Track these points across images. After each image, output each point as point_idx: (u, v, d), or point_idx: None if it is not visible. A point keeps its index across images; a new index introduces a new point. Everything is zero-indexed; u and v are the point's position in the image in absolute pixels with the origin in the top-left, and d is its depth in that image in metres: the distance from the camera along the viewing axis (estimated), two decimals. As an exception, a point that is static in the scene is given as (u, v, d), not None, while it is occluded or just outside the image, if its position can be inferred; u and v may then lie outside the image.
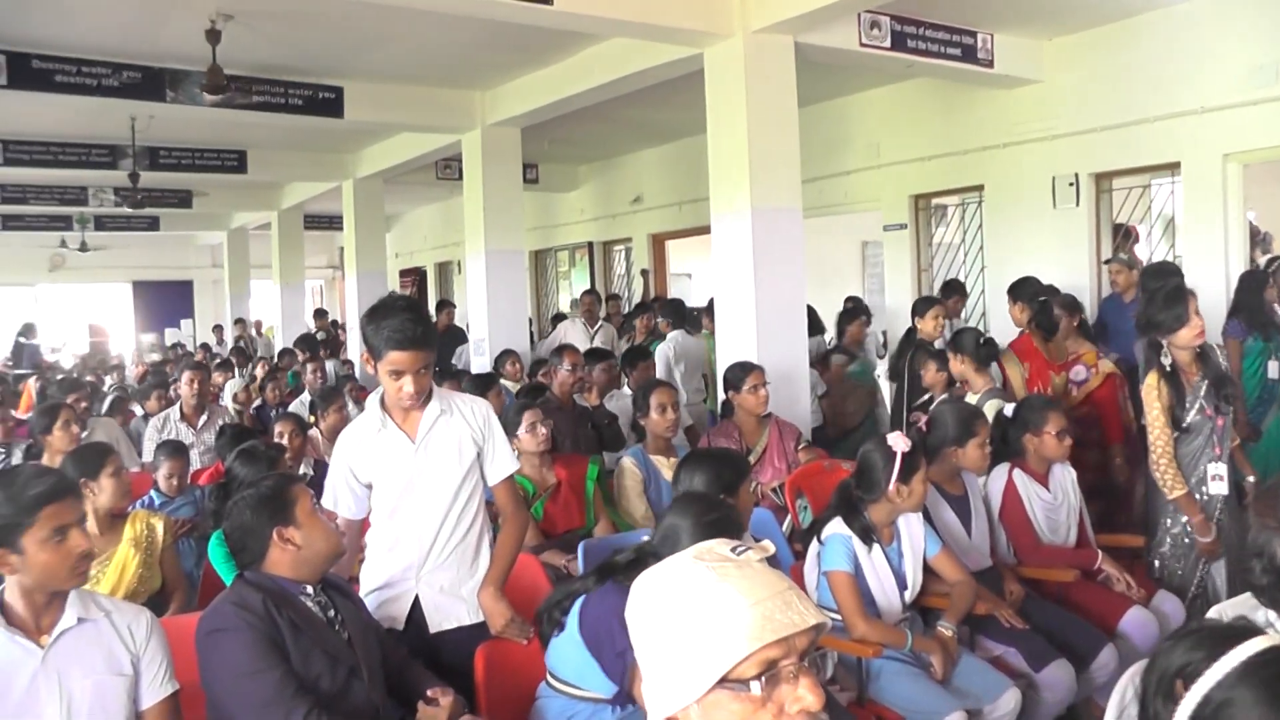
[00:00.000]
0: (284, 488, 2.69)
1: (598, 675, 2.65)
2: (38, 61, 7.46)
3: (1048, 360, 5.69)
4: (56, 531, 2.30)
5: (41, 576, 2.32)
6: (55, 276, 20.40)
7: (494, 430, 3.15)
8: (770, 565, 1.34)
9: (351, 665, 2.58)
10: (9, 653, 2.29)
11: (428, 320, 2.96)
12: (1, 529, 2.28)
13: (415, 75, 8.73)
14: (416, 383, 2.92)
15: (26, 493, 2.29)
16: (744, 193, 6.25)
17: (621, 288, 13.89)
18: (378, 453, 3.06)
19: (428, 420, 3.04)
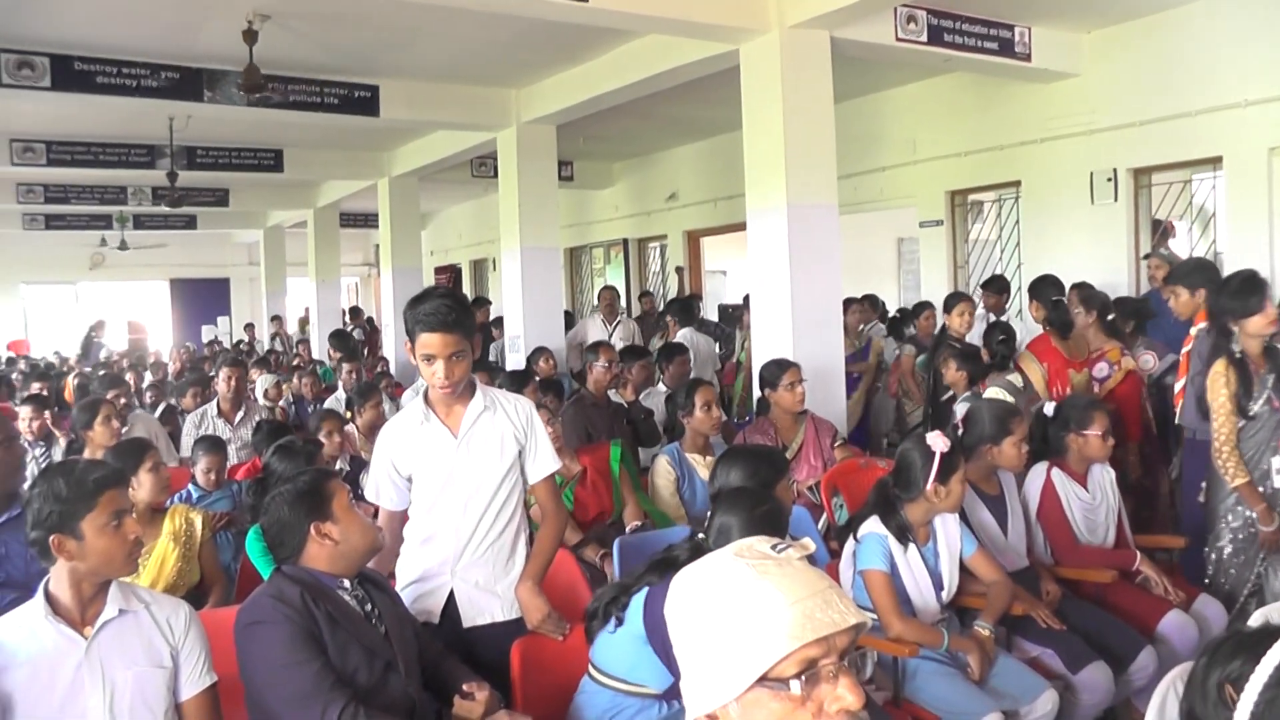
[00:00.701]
0: (321, 483, 2.71)
1: (651, 670, 2.64)
2: (80, 63, 7.59)
3: (1067, 358, 5.62)
4: (115, 516, 2.35)
5: (98, 562, 2.36)
6: (95, 275, 20.68)
7: (536, 429, 3.15)
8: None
9: (388, 659, 2.59)
10: (55, 643, 2.33)
11: (464, 307, 2.94)
12: (62, 514, 2.33)
13: (450, 73, 8.77)
14: (448, 368, 2.90)
15: (88, 478, 2.35)
16: (780, 189, 6.23)
17: (656, 285, 13.89)
18: (419, 446, 3.06)
19: (470, 415, 3.04)
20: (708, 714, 1.29)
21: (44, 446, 5.78)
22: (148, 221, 16.92)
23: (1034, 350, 5.76)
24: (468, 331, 2.93)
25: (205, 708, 2.49)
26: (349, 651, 2.52)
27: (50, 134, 10.93)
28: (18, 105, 9.13)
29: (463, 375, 2.96)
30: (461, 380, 2.97)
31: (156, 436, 5.97)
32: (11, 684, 2.28)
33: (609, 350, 6.13)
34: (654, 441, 5.42)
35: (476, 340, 3.06)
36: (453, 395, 3.01)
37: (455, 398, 3.03)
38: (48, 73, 7.49)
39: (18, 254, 19.36)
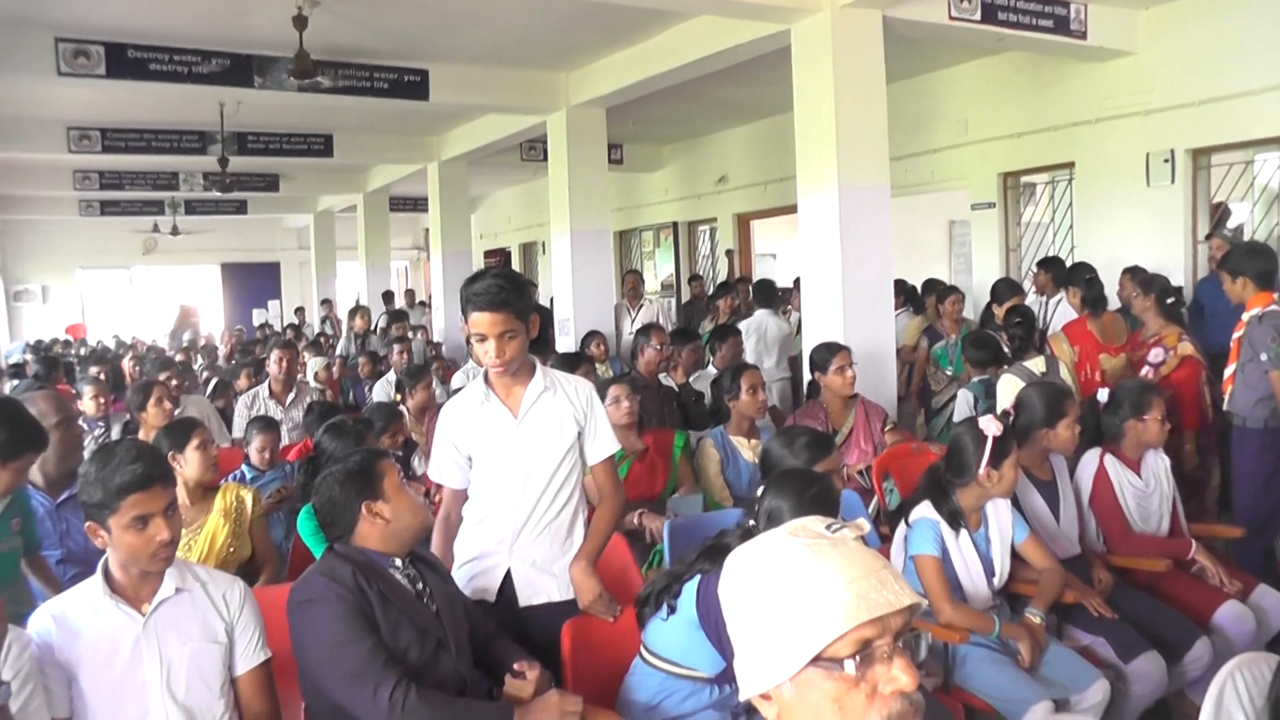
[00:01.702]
0: (372, 462, 2.72)
1: (703, 654, 2.64)
2: (133, 51, 7.71)
3: (1100, 342, 5.51)
4: (138, 520, 2.37)
5: (125, 558, 2.41)
6: (149, 259, 21.03)
7: (596, 411, 3.15)
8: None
9: (439, 637, 2.61)
10: (114, 619, 2.39)
11: (517, 287, 2.91)
12: (92, 508, 2.39)
13: (500, 57, 8.78)
14: (499, 347, 2.90)
15: (113, 480, 2.36)
16: (831, 171, 6.18)
17: (706, 268, 13.84)
18: (479, 426, 3.08)
19: (530, 396, 3.05)
20: (761, 693, 1.29)
21: (103, 426, 5.89)
22: (199, 207, 17.18)
23: (1067, 332, 5.67)
24: (519, 311, 2.91)
25: (260, 683, 2.53)
26: (401, 630, 2.54)
27: (105, 121, 11.11)
28: (74, 93, 9.33)
29: (514, 354, 2.95)
30: (514, 359, 2.96)
31: (209, 418, 6.06)
32: (75, 658, 2.34)
33: (660, 333, 6.12)
34: (703, 426, 5.41)
35: (534, 320, 3.01)
36: (505, 374, 3.01)
37: (515, 378, 3.03)
38: (103, 61, 7.62)
39: (74, 240, 19.75)
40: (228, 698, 2.48)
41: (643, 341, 6.08)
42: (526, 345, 3.00)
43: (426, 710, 2.41)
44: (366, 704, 2.41)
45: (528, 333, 2.96)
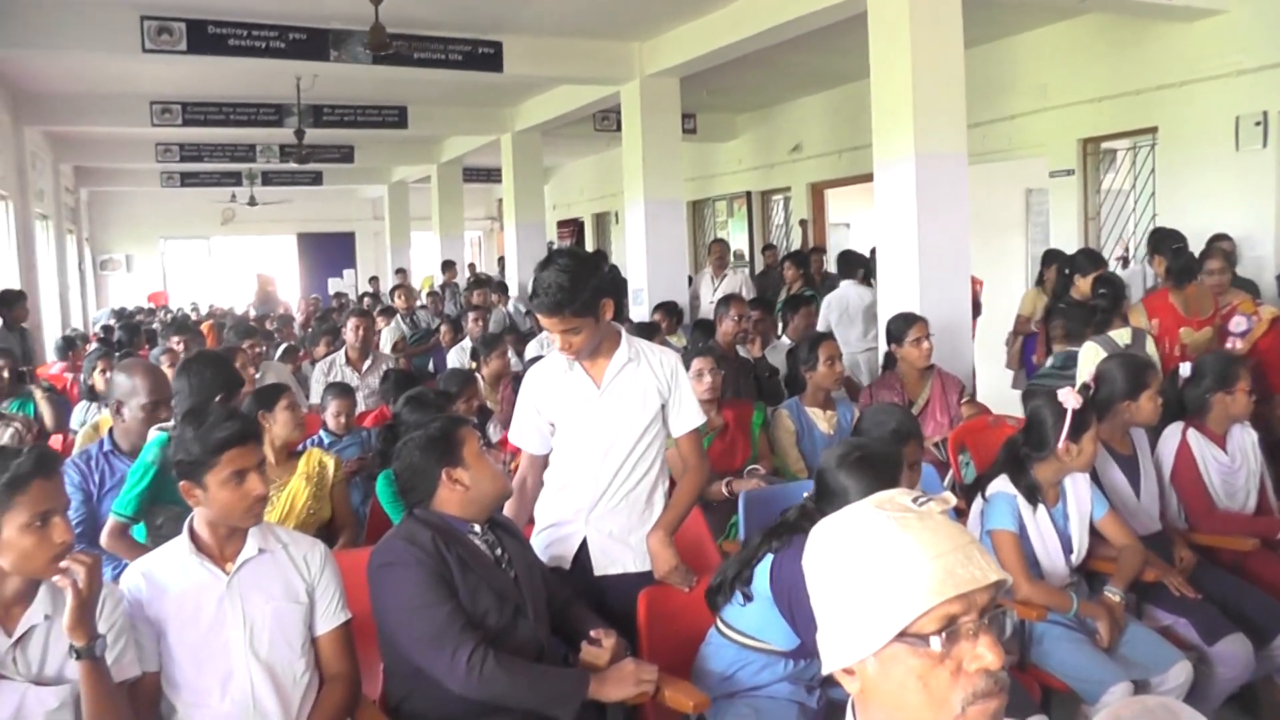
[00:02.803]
0: (452, 429, 2.75)
1: (779, 631, 2.63)
2: (213, 27, 7.88)
3: (1182, 315, 5.35)
4: (236, 474, 2.44)
5: (220, 514, 2.47)
6: (227, 229, 21.51)
7: (680, 383, 3.14)
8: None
9: (517, 603, 2.64)
10: (199, 577, 2.46)
11: (576, 285, 2.86)
12: (189, 466, 2.45)
13: (574, 27, 8.78)
14: (564, 341, 2.94)
15: (213, 435, 2.44)
16: (908, 139, 6.10)
17: (780, 238, 13.74)
18: (563, 393, 3.10)
19: (614, 367, 3.06)
20: (844, 668, 1.29)
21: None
22: (276, 178, 17.48)
23: (1147, 305, 5.50)
24: (579, 310, 2.88)
25: (339, 643, 2.59)
26: (479, 595, 2.58)
27: (186, 96, 11.37)
28: (157, 69, 9.56)
29: (582, 345, 2.97)
30: (582, 348, 2.99)
31: (288, 383, 6.18)
32: (163, 613, 2.42)
33: (739, 304, 6.09)
34: (777, 400, 5.39)
35: (606, 305, 2.98)
36: (579, 359, 3.05)
37: (599, 349, 3.05)
38: (184, 37, 7.79)
39: (156, 211, 20.27)
40: (308, 657, 2.54)
41: (721, 312, 6.06)
42: (598, 331, 3.00)
43: (503, 674, 2.46)
44: (445, 667, 2.46)
45: (597, 321, 2.96)
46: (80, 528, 3.42)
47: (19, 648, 2.24)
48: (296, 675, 2.50)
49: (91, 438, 4.45)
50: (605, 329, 3.04)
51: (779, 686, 2.70)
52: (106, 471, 3.63)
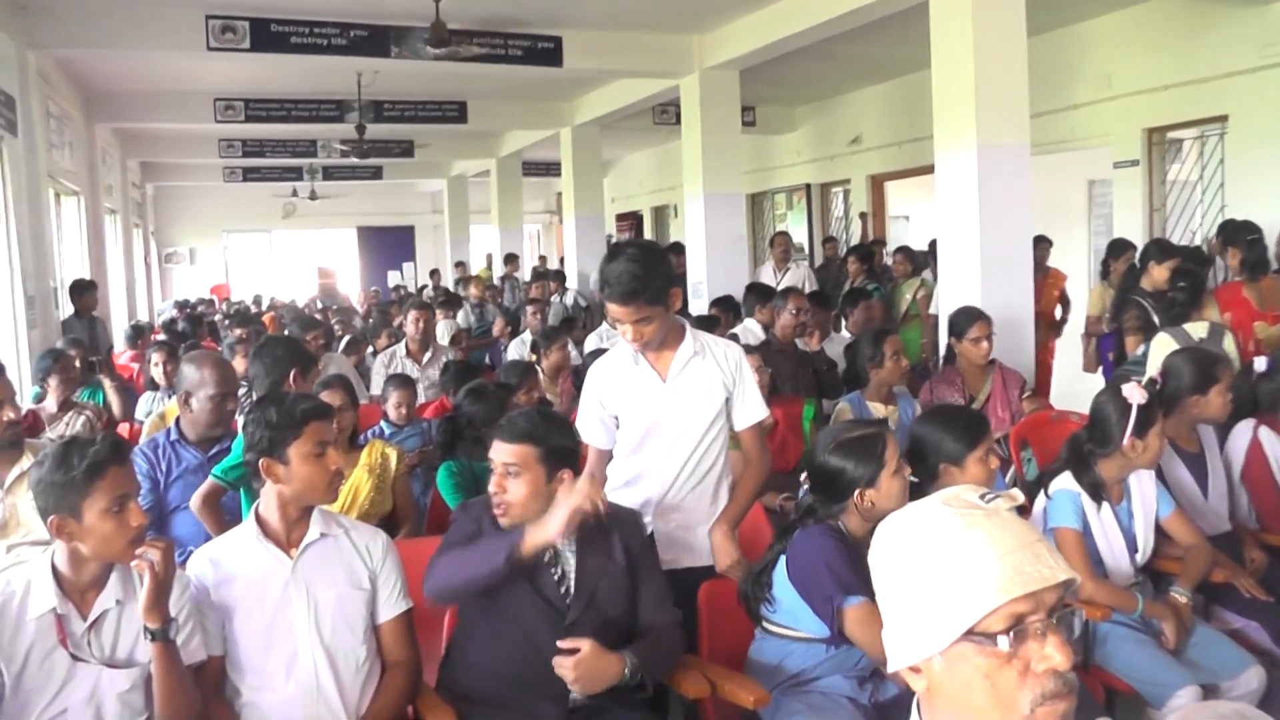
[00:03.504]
0: None
1: (811, 616, 2.64)
2: (276, 25, 8.02)
3: (1256, 310, 5.20)
4: (319, 445, 2.51)
5: (301, 488, 2.52)
6: (288, 223, 21.84)
7: (745, 376, 3.13)
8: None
9: (558, 607, 2.62)
10: (264, 561, 2.51)
11: (649, 274, 2.88)
12: (272, 440, 2.50)
13: (633, 21, 8.79)
14: (635, 331, 2.94)
15: (297, 408, 2.53)
16: (970, 130, 6.04)
17: (839, 231, 13.65)
18: (627, 387, 3.10)
19: (679, 361, 3.06)
20: (910, 666, 1.28)
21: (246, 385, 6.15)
22: (336, 172, 17.71)
23: (1219, 297, 5.37)
24: (651, 299, 2.89)
25: (401, 631, 2.62)
26: (515, 586, 2.59)
27: (248, 92, 11.56)
28: (220, 66, 9.75)
29: (652, 335, 2.96)
30: (651, 339, 2.98)
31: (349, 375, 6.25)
32: (230, 596, 2.48)
33: (798, 297, 6.05)
34: (837, 394, 5.35)
35: (675, 295, 2.99)
36: (645, 352, 3.05)
37: (664, 342, 3.05)
38: (248, 35, 7.95)
39: (219, 205, 20.66)
40: (370, 643, 2.58)
41: (780, 305, 6.04)
42: (667, 323, 3.00)
43: (443, 563, 2.57)
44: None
45: (667, 311, 2.96)
46: (148, 514, 3.50)
47: (93, 631, 2.31)
48: (359, 660, 2.54)
49: (158, 427, 4.52)
50: (672, 321, 3.04)
51: (831, 681, 2.68)
52: (173, 460, 3.72)
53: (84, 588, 2.33)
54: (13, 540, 3.42)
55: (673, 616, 2.73)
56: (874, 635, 2.52)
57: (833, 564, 2.59)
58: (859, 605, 2.54)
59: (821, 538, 2.67)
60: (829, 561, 2.60)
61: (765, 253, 14.38)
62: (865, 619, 2.52)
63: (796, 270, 9.72)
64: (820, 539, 2.67)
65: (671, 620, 2.72)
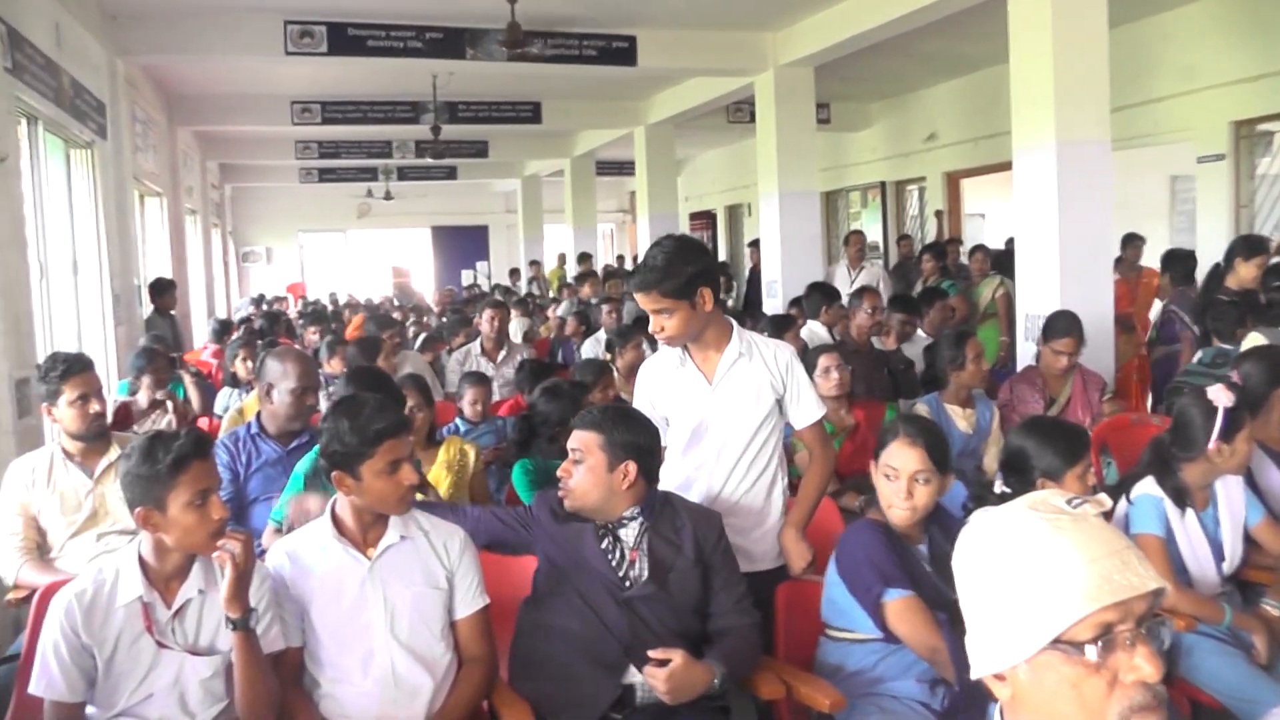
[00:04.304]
0: None
1: (864, 615, 2.63)
2: (352, 29, 8.18)
3: None
4: (391, 465, 2.50)
5: (373, 502, 2.53)
6: (362, 223, 22.22)
7: (796, 376, 3.07)
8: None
9: (615, 597, 2.63)
10: (341, 561, 2.54)
11: (669, 266, 2.85)
12: (344, 456, 2.50)
13: (707, 19, 8.79)
14: (656, 323, 2.92)
15: (370, 426, 2.49)
16: (1048, 125, 5.94)
17: (914, 229, 13.49)
18: (675, 389, 3.07)
19: (726, 362, 3.01)
20: (995, 674, 1.26)
21: (334, 383, 6.27)
22: (410, 173, 17.96)
23: None
24: (669, 291, 2.85)
25: (477, 628, 2.64)
26: (582, 573, 2.64)
27: (325, 95, 11.81)
28: (298, 70, 9.97)
29: (675, 331, 2.92)
30: (675, 335, 2.93)
31: (424, 373, 6.33)
32: (306, 592, 2.52)
33: (873, 296, 6.00)
34: (914, 394, 5.29)
35: (703, 294, 2.90)
36: (674, 345, 3.01)
37: (712, 343, 3.01)
38: (325, 39, 8.12)
39: (295, 205, 21.12)
40: (448, 640, 2.60)
41: (855, 305, 5.99)
42: (695, 319, 2.93)
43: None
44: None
45: (693, 307, 2.89)
46: (228, 506, 3.58)
47: (177, 619, 2.38)
48: (436, 657, 2.56)
49: (236, 422, 4.63)
50: (707, 319, 2.96)
51: (901, 685, 2.65)
52: (253, 453, 3.78)
53: (168, 577, 2.40)
54: (102, 529, 3.54)
55: (753, 618, 2.71)
56: (914, 628, 2.54)
57: (875, 557, 2.60)
58: (900, 599, 2.55)
59: (865, 533, 2.68)
60: (871, 555, 2.61)
61: (839, 252, 14.29)
62: (905, 612, 2.53)
63: (871, 269, 9.64)
64: (864, 534, 2.68)
65: (752, 621, 2.71)
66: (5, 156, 4.71)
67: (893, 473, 2.71)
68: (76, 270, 7.06)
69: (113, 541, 3.47)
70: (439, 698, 2.54)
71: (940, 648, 2.48)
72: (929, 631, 2.52)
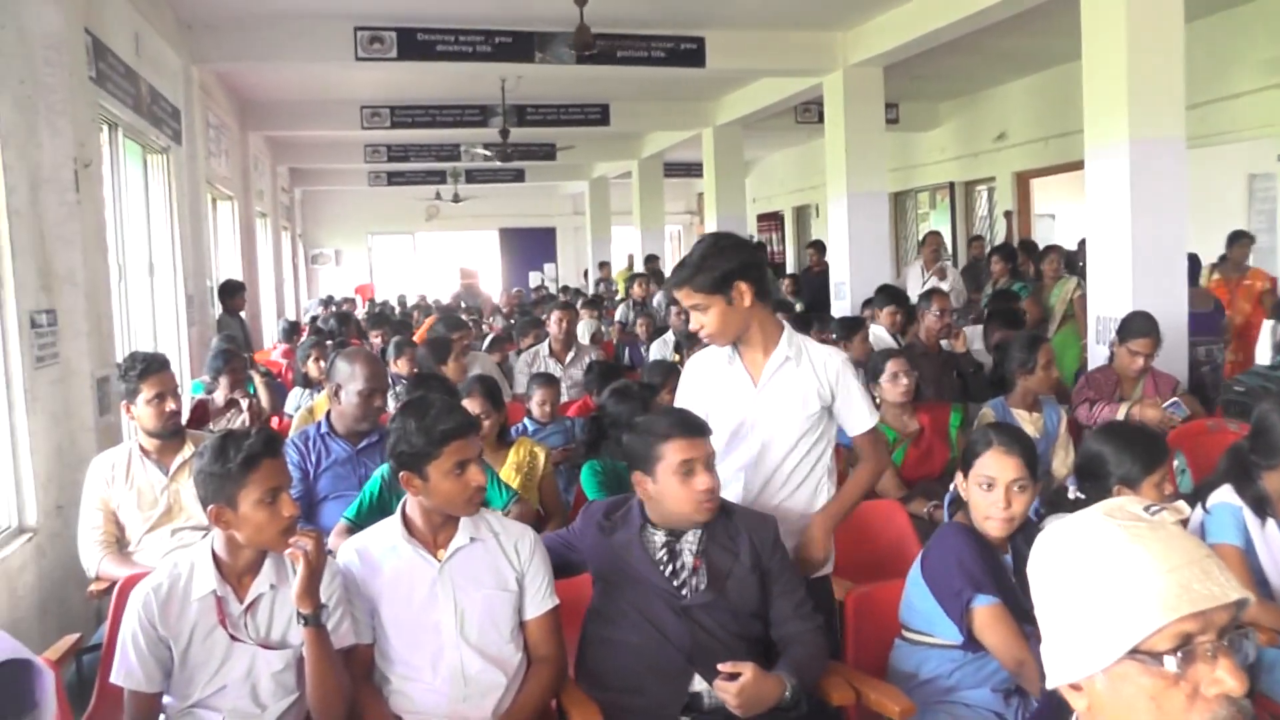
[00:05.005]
0: (653, 444, 2.73)
1: (945, 620, 2.59)
2: (422, 35, 8.28)
3: None
4: (458, 465, 2.51)
5: (441, 503, 2.55)
6: (431, 225, 22.50)
7: (847, 384, 2.97)
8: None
9: (674, 609, 2.62)
10: (412, 562, 2.56)
11: (706, 260, 2.83)
12: (411, 457, 2.52)
13: (776, 19, 8.76)
14: (695, 319, 2.90)
15: (437, 427, 2.51)
16: (1122, 123, 5.81)
17: (983, 230, 13.31)
18: (721, 386, 3.00)
19: (773, 364, 2.94)
20: (1070, 683, 1.23)
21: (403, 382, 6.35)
22: (478, 176, 18.12)
23: None
24: (704, 285, 2.82)
25: (547, 628, 2.65)
26: (635, 586, 2.64)
27: (394, 100, 11.96)
28: (367, 75, 10.13)
29: (713, 328, 2.87)
30: (714, 333, 2.89)
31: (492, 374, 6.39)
32: (376, 591, 2.55)
33: (942, 298, 5.93)
34: (983, 397, 5.21)
35: (741, 290, 2.84)
36: (717, 343, 2.97)
37: (762, 345, 2.95)
38: (394, 45, 8.23)
39: (364, 208, 21.46)
40: (517, 641, 2.61)
41: (924, 307, 5.93)
42: (735, 316, 2.87)
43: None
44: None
45: (729, 303, 2.84)
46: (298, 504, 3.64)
47: (250, 613, 2.43)
48: (506, 657, 2.58)
49: (306, 421, 4.71)
50: (749, 317, 2.90)
51: (976, 694, 2.62)
52: (323, 452, 3.84)
53: (240, 572, 2.45)
54: (176, 524, 3.63)
55: (815, 622, 2.69)
56: (1002, 638, 2.51)
57: (966, 561, 2.56)
58: (990, 606, 2.51)
59: (956, 536, 2.65)
60: (962, 559, 2.57)
61: (910, 253, 14.15)
62: (994, 620, 2.50)
63: (945, 272, 9.53)
64: (955, 537, 2.65)
65: (815, 625, 2.68)
66: (89, 163, 4.84)
67: (990, 482, 2.67)
68: (152, 272, 7.25)
69: (186, 537, 3.55)
70: (509, 697, 2.56)
71: (1027, 660, 2.44)
72: (1017, 643, 2.49)
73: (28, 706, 2.03)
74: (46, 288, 4.30)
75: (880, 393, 4.36)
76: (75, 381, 4.54)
